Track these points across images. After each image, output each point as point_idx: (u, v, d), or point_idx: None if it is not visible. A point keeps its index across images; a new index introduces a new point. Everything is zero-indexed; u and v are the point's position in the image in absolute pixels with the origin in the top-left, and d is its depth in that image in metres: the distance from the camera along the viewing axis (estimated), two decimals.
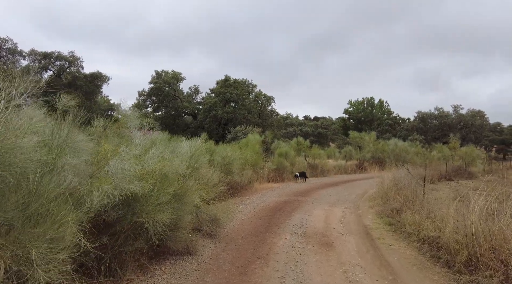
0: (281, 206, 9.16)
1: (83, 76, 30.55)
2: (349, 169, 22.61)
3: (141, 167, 4.34)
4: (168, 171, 4.38)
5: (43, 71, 28.63)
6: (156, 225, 3.70)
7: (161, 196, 4.01)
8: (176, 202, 4.33)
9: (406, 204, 7.89)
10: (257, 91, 34.49)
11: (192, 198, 4.74)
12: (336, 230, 6.66)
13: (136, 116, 6.57)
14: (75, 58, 29.72)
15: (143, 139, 5.53)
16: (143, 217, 3.65)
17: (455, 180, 19.73)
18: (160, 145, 6.20)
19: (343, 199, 11.01)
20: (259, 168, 13.43)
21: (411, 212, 6.97)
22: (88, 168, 4.15)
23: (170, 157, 5.03)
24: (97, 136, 5.48)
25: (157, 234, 3.77)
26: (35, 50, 28.12)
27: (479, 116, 42.79)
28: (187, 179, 6.10)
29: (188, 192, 4.62)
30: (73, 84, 29.56)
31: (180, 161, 6.16)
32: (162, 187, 4.14)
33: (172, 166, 4.48)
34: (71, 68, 29.97)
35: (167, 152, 5.02)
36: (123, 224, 3.74)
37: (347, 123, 59.56)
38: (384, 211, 8.24)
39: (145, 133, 8.67)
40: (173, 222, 4.33)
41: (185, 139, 6.70)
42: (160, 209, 3.88)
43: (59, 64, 29.31)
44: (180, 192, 4.37)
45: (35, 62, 27.89)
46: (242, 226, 6.74)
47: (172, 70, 34.42)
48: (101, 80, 32.15)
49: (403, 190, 9.12)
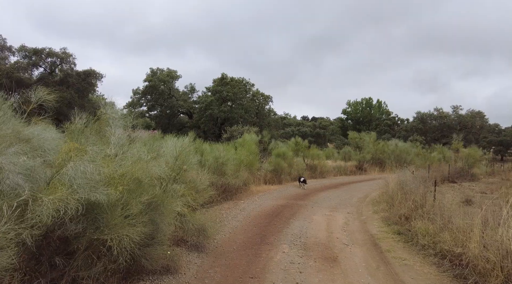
0: (279, 210, 8.44)
1: (76, 74, 29.66)
2: (348, 170, 21.93)
3: (111, 170, 3.61)
4: (143, 175, 3.64)
5: (33, 68, 27.72)
6: (123, 242, 2.97)
7: (132, 206, 3.27)
8: (153, 212, 3.60)
9: (415, 210, 7.20)
10: (254, 90, 33.77)
11: (172, 206, 4.00)
12: (340, 240, 5.95)
13: (119, 113, 5.87)
14: (67, 55, 28.81)
15: (122, 138, 4.77)
16: (105, 233, 2.92)
17: (458, 182, 19.16)
18: (139, 144, 5.46)
19: (345, 203, 10.31)
20: (255, 169, 12.70)
21: (423, 220, 6.28)
22: (47, 171, 3.42)
23: (148, 158, 4.30)
24: (76, 135, 4.77)
25: (124, 253, 3.03)
26: (25, 46, 27.23)
27: (478, 117, 42.34)
28: (171, 183, 5.38)
29: (168, 200, 3.88)
30: (65, 82, 28.67)
31: (164, 162, 5.45)
32: (133, 195, 3.41)
33: (147, 169, 3.75)
34: (63, 65, 29.05)
35: (144, 152, 4.28)
36: (82, 241, 3.00)
37: (345, 123, 58.97)
38: (390, 217, 7.54)
39: (139, 132, 7.83)
40: (148, 237, 3.60)
41: (172, 137, 5.96)
42: (130, 222, 3.14)
43: (50, 61, 28.40)
44: (157, 200, 3.63)
45: (25, 58, 26.98)
46: (234, 235, 6.00)
47: (168, 68, 33.62)
48: (95, 77, 31.29)
49: (410, 194, 8.43)
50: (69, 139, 4.31)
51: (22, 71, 26.48)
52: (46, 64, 28.32)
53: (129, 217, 3.19)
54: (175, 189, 5.26)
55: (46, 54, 27.57)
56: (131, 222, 3.10)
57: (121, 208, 3.23)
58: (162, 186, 4.46)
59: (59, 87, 27.96)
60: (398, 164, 24.02)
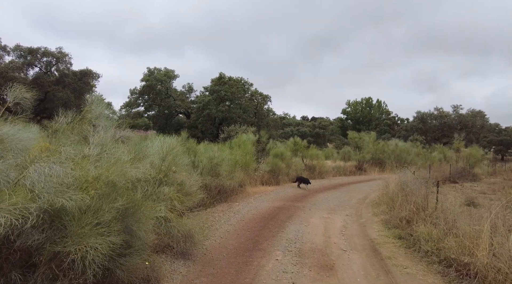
0: (275, 213, 8.10)
1: (72, 74, 29.32)
2: (348, 170, 21.59)
3: (84, 172, 3.27)
4: (119, 178, 3.30)
5: (28, 67, 27.35)
6: (89, 255, 2.63)
7: (105, 212, 2.93)
8: (129, 218, 3.25)
9: (417, 213, 6.87)
10: (253, 89, 33.40)
11: (153, 211, 3.66)
12: (338, 246, 5.61)
13: (104, 111, 5.55)
14: (63, 54, 28.44)
15: (104, 137, 4.43)
16: (68, 244, 2.58)
17: (459, 182, 18.81)
18: (123, 144, 5.12)
19: (343, 205, 9.98)
20: (251, 169, 12.34)
21: (425, 223, 5.94)
22: (12, 174, 3.10)
23: (128, 159, 3.96)
24: (58, 135, 4.44)
25: (92, 265, 2.69)
26: (20, 45, 26.86)
27: (479, 117, 41.99)
28: (157, 186, 5.05)
29: (147, 205, 3.54)
30: (61, 82, 28.32)
31: (149, 163, 5.12)
32: (107, 200, 3.07)
33: (124, 171, 3.41)
34: (59, 65, 28.69)
35: (124, 153, 3.94)
36: (44, 253, 2.67)
37: (345, 123, 58.60)
38: (391, 220, 7.20)
39: (126, 132, 7.51)
40: (124, 245, 3.26)
41: (158, 137, 5.63)
42: (100, 231, 2.80)
43: (46, 60, 28.03)
44: (134, 205, 3.29)
45: (20, 58, 26.62)
46: (226, 240, 5.66)
47: (165, 68, 33.26)
48: (91, 77, 30.95)
49: (411, 196, 8.10)
50: (43, 139, 3.98)
51: (17, 71, 26.12)
52: (42, 63, 27.95)
53: (100, 225, 2.85)
54: (162, 192, 4.94)
55: (41, 53, 27.21)
56: (101, 231, 2.76)
57: (91, 215, 2.89)
58: (144, 189, 4.12)
59: (55, 87, 27.63)
60: (398, 164, 23.70)
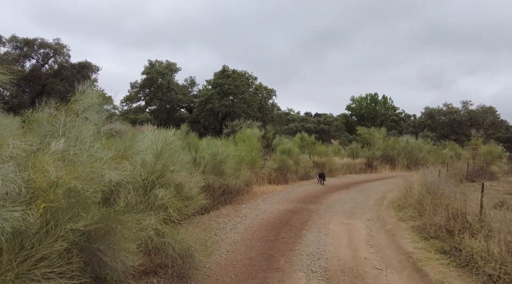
0: (287, 218, 7.10)
1: (70, 66, 28.35)
2: (357, 167, 20.53)
3: (39, 176, 2.27)
4: (87, 184, 2.29)
5: (25, 59, 26.38)
6: None
7: (56, 239, 1.93)
8: (99, 243, 2.25)
9: (455, 220, 5.83)
10: (257, 83, 32.26)
11: (136, 233, 2.64)
12: (370, 262, 4.60)
13: (95, 101, 4.65)
14: (61, 46, 27.44)
15: (81, 130, 3.43)
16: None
17: (477, 181, 17.76)
18: (108, 139, 4.15)
19: (361, 207, 8.95)
20: (258, 167, 11.33)
21: (474, 235, 4.92)
22: None
23: (108, 157, 2.95)
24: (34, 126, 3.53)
25: None
26: (16, 36, 25.89)
27: (490, 113, 40.62)
28: (149, 189, 4.05)
29: (127, 220, 2.53)
30: (59, 74, 27.38)
31: (140, 162, 4.12)
32: (64, 219, 2.06)
33: (97, 173, 2.40)
34: (57, 57, 27.69)
35: (98, 147, 2.93)
36: None
37: (350, 120, 57.31)
38: (425, 228, 6.17)
39: (115, 125, 6.65)
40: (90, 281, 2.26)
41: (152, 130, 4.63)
42: (42, 272, 1.80)
43: (43, 52, 27.03)
44: (104, 225, 2.28)
45: (16, 49, 25.64)
46: (233, 255, 4.66)
47: (167, 60, 32.13)
48: (90, 70, 29.98)
49: (443, 198, 7.06)
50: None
51: (13, 63, 25.17)
52: (38, 55, 26.96)
53: (47, 260, 1.84)
54: (155, 197, 3.95)
55: (38, 45, 26.21)
56: (46, 272, 1.76)
57: (36, 243, 1.89)
58: (128, 197, 3.11)
59: (53, 80, 26.68)
60: (409, 162, 22.62)
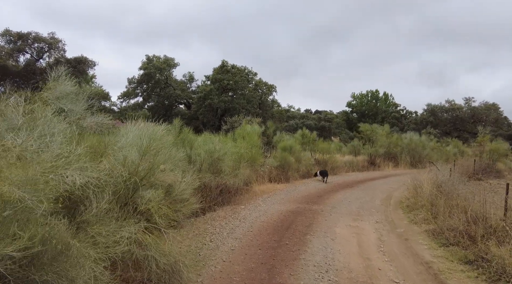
0: (290, 220, 6.56)
1: (66, 61, 27.68)
2: (360, 165, 19.99)
3: None
4: (30, 191, 1.73)
5: (19, 54, 25.71)
6: None
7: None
8: (45, 270, 1.70)
9: (476, 224, 5.29)
10: (257, 79, 31.63)
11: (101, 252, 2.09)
12: (385, 274, 4.06)
13: (70, 89, 4.13)
14: (56, 40, 26.77)
15: (49, 123, 2.89)
16: None
17: (483, 179, 17.27)
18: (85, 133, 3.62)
19: (367, 207, 8.42)
20: (258, 165, 10.79)
21: (502, 242, 4.38)
22: None
23: (72, 155, 2.39)
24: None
25: None
26: (9, 30, 25.21)
27: (493, 110, 40.04)
28: (131, 192, 3.51)
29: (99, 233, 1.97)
30: (54, 70, 26.72)
31: (122, 160, 3.57)
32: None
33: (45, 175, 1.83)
34: (52, 52, 27.03)
35: (63, 144, 2.37)
36: None
37: (350, 116, 56.70)
38: (441, 232, 5.63)
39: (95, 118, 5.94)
40: None
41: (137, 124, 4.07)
42: None
43: (37, 46, 26.36)
44: (53, 247, 1.72)
45: (9, 43, 24.98)
46: (230, 265, 4.12)
47: (165, 55, 31.46)
48: (87, 65, 29.33)
49: (460, 200, 6.53)
50: None
51: (6, 58, 24.51)
52: (33, 50, 26.29)
53: None
54: (138, 200, 3.42)
55: (32, 39, 25.53)
56: None
57: None
58: (98, 203, 2.55)
59: (47, 75, 26.06)
60: (413, 159, 22.10)
